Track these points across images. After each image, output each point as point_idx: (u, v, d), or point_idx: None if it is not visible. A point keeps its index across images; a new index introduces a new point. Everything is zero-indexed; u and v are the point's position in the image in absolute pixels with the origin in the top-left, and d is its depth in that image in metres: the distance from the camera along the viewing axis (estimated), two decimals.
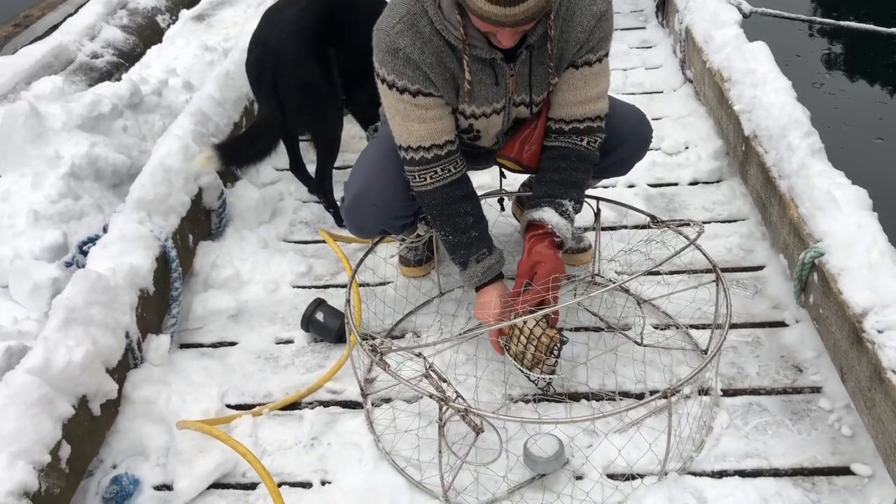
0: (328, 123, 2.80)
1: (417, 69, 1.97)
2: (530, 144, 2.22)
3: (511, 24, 1.77)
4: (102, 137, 3.20)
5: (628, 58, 4.01)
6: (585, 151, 2.16)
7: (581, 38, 2.03)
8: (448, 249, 2.18)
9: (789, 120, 2.58)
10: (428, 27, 1.94)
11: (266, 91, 2.68)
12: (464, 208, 2.13)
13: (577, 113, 2.13)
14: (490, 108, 2.10)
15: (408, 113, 2.03)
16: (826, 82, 4.74)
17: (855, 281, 2.02)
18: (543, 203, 2.15)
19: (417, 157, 2.08)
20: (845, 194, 2.25)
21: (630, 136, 2.33)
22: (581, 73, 2.08)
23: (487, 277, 2.14)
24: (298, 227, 2.97)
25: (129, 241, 2.33)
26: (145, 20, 5.38)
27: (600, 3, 2.02)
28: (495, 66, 2.02)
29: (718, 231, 2.75)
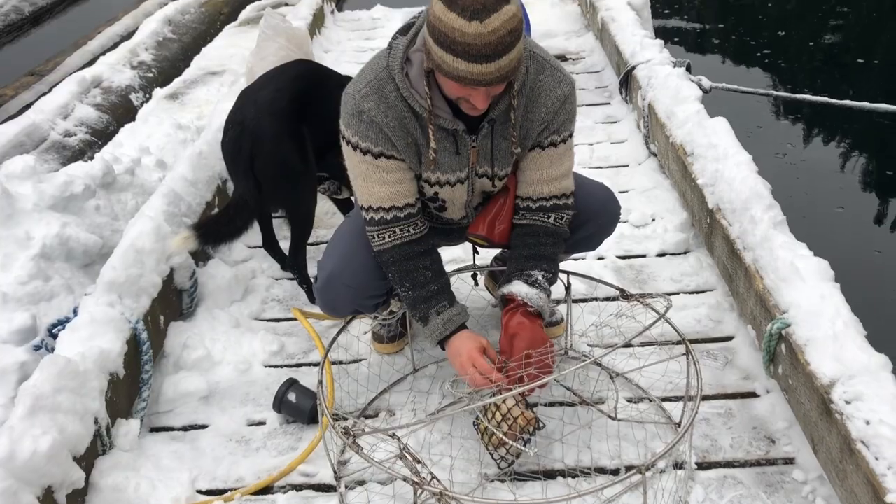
0: (303, 200, 2.83)
1: (380, 132, 2.02)
2: (500, 222, 2.26)
3: (486, 82, 1.83)
4: (74, 217, 3.20)
5: (594, 133, 4.12)
6: (552, 227, 2.21)
7: (545, 119, 2.09)
8: (408, 306, 2.18)
9: (751, 193, 2.66)
10: (394, 93, 2.00)
11: (243, 169, 2.72)
12: (422, 263, 2.16)
13: (543, 191, 2.18)
14: (454, 176, 2.14)
15: (369, 174, 2.07)
16: (788, 152, 4.89)
17: (821, 352, 2.06)
18: (513, 277, 2.18)
19: (377, 218, 2.11)
20: (808, 266, 2.31)
21: (599, 211, 2.38)
22: (547, 153, 2.14)
23: (449, 329, 2.12)
24: (271, 305, 2.97)
25: (100, 325, 2.31)
26: (119, 98, 5.45)
27: (564, 87, 2.09)
28: (457, 137, 2.07)
29: (687, 302, 2.79)
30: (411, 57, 1.98)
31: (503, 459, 2.10)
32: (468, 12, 1.75)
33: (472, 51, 1.77)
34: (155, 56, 6.20)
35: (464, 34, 1.76)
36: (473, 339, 2.11)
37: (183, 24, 7.04)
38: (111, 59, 5.94)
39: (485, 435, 2.09)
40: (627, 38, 4.44)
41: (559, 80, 2.08)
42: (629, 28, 4.57)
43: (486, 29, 1.75)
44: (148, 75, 5.88)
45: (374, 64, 2.05)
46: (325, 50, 5.74)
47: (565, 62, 5.17)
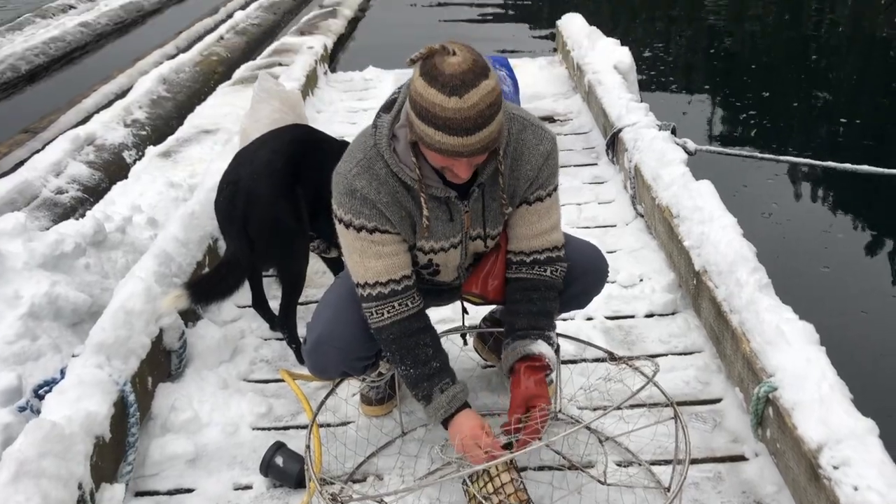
0: (295, 259, 2.86)
1: (374, 207, 2.05)
2: (493, 279, 2.29)
3: (468, 153, 1.87)
4: (64, 276, 3.20)
5: (582, 193, 4.18)
6: (550, 281, 2.24)
7: (530, 176, 2.14)
8: (409, 384, 2.17)
9: (736, 256, 2.70)
10: (384, 169, 2.04)
11: (236, 228, 2.74)
12: (423, 340, 2.16)
13: (535, 245, 2.22)
14: (448, 242, 2.18)
15: (365, 250, 2.09)
16: (773, 212, 4.96)
17: (808, 415, 2.07)
18: (534, 335, 2.20)
19: (375, 293, 2.12)
20: (794, 329, 2.34)
21: (588, 269, 2.41)
22: (535, 208, 2.19)
23: (454, 407, 2.12)
24: (259, 366, 2.96)
25: (87, 387, 2.29)
26: (112, 156, 5.50)
27: (546, 144, 2.14)
28: (450, 204, 2.11)
29: (675, 364, 2.80)
30: (397, 133, 2.03)
31: None
32: (448, 88, 1.80)
33: (453, 125, 1.82)
34: (149, 114, 6.28)
35: (444, 109, 1.81)
36: (475, 418, 2.11)
37: (177, 82, 7.15)
38: (105, 116, 6.02)
39: (472, 501, 2.08)
40: (614, 100, 4.53)
41: (541, 138, 2.14)
42: (615, 91, 4.67)
43: (465, 104, 1.80)
44: (141, 133, 5.95)
45: (361, 143, 2.10)
46: (318, 110, 5.83)
47: (553, 123, 5.26)
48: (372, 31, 10.35)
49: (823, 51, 9.03)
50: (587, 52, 5.55)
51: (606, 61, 5.23)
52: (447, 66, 1.81)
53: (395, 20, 11.13)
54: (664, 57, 9.18)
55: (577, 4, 11.03)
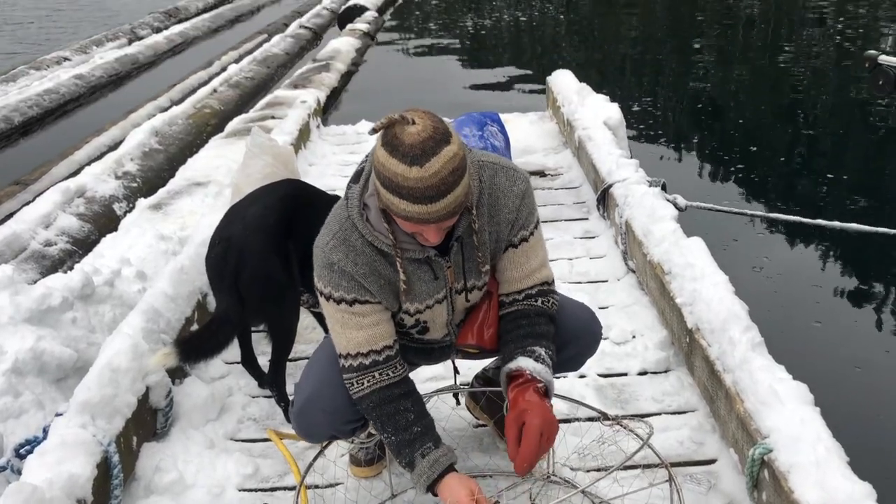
0: (286, 315, 2.84)
1: (352, 279, 2.06)
2: (488, 328, 2.27)
3: (434, 220, 1.88)
4: (50, 330, 3.16)
5: (573, 248, 4.18)
6: (542, 307, 2.22)
7: (510, 219, 2.15)
8: (393, 452, 2.14)
9: (729, 314, 2.69)
10: (359, 240, 2.05)
11: (227, 284, 2.72)
12: (403, 405, 2.13)
13: (525, 284, 2.22)
14: (432, 300, 2.17)
15: (346, 321, 2.10)
16: (765, 266, 4.97)
17: (805, 479, 2.04)
18: (516, 355, 2.15)
19: (356, 364, 2.12)
20: (787, 389, 2.32)
21: (580, 333, 2.39)
22: (521, 249, 2.19)
23: (436, 471, 2.07)
24: (246, 425, 2.91)
25: (70, 448, 2.24)
26: (102, 208, 5.49)
27: (520, 184, 2.15)
28: (432, 263, 2.11)
29: (669, 423, 2.76)
30: (367, 202, 2.04)
31: None
32: (408, 158, 1.81)
33: (417, 193, 1.83)
34: (140, 166, 6.29)
35: (406, 178, 1.82)
36: (463, 483, 2.06)
37: (170, 134, 7.18)
38: (96, 169, 6.02)
39: None
40: (604, 156, 4.57)
41: (514, 179, 2.14)
42: (605, 147, 4.72)
43: (426, 173, 1.82)
44: (132, 185, 5.95)
45: (336, 216, 2.11)
46: (310, 163, 5.86)
47: (544, 177, 5.30)
48: (365, 86, 10.46)
49: (809, 108, 9.19)
50: (577, 107, 5.61)
51: (596, 117, 5.29)
52: (407, 136, 1.82)
53: (388, 75, 11.28)
54: (653, 111, 9.32)
55: (566, 61, 11.25)
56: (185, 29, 15.02)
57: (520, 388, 2.10)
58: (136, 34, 14.43)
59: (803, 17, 14.65)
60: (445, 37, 14.66)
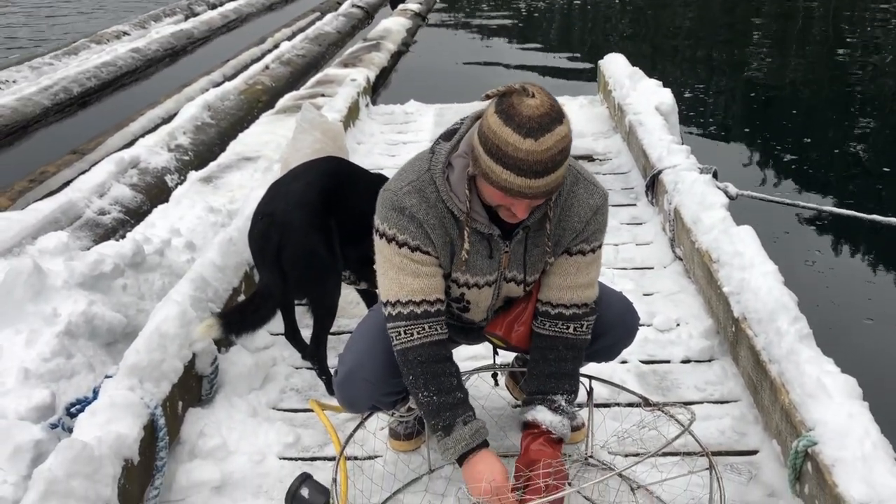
0: (328, 291, 2.86)
1: (420, 227, 2.04)
2: (519, 325, 2.26)
3: (531, 195, 1.87)
4: (101, 296, 3.24)
5: (619, 233, 4.14)
6: (573, 339, 2.20)
7: (577, 228, 2.12)
8: (430, 413, 2.10)
9: (777, 305, 2.64)
10: (434, 195, 2.04)
11: (270, 260, 2.76)
12: (449, 369, 2.13)
13: (564, 297, 2.18)
14: (483, 279, 2.16)
15: (403, 266, 2.07)
16: (817, 260, 4.87)
17: (850, 474, 2.00)
18: (535, 402, 2.18)
19: (406, 312, 2.08)
20: (835, 382, 2.27)
21: (617, 324, 2.37)
22: (574, 260, 2.16)
23: (476, 441, 2.07)
24: (289, 395, 2.95)
25: (119, 409, 2.30)
26: (154, 179, 5.60)
27: (597, 198, 2.12)
28: (492, 241, 2.10)
29: (711, 412, 2.73)
30: (453, 162, 2.03)
31: None
32: (524, 129, 1.80)
33: (523, 166, 1.82)
34: (192, 140, 6.39)
35: (517, 150, 1.81)
36: (498, 464, 2.06)
37: (222, 109, 7.28)
38: (150, 141, 6.14)
39: None
40: (654, 142, 4.51)
41: (592, 192, 2.12)
42: (656, 133, 4.65)
43: (539, 147, 1.81)
44: (184, 158, 6.05)
45: (415, 165, 2.10)
46: (359, 142, 5.89)
47: (592, 162, 5.25)
48: (414, 66, 10.47)
49: (867, 102, 8.93)
50: (629, 92, 5.54)
51: (648, 102, 5.22)
52: (525, 108, 1.81)
53: (438, 56, 11.26)
54: (705, 99, 9.15)
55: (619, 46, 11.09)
56: (240, 6, 15.17)
57: (533, 436, 2.16)
58: (192, 10, 14.62)
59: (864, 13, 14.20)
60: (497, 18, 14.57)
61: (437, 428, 2.10)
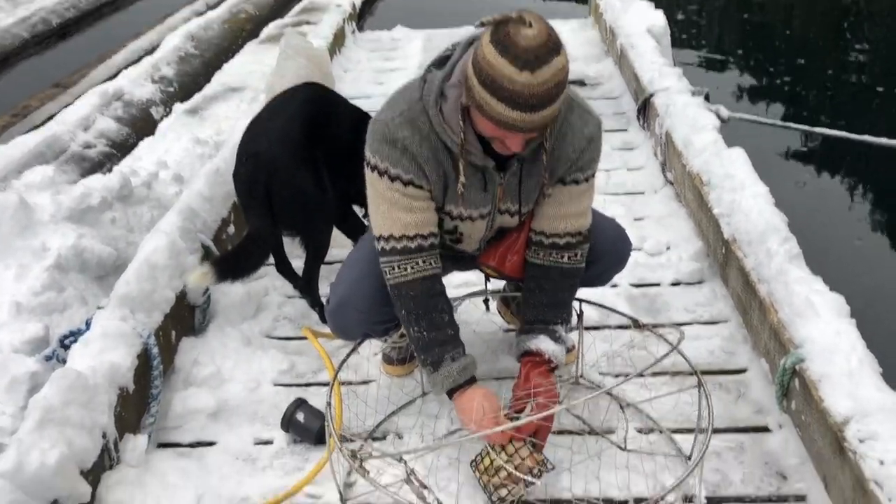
0: (319, 228, 2.84)
1: (413, 160, 2.00)
2: (512, 254, 2.25)
3: (527, 129, 1.83)
4: (90, 229, 3.22)
5: (610, 159, 4.10)
6: (568, 268, 2.19)
7: (572, 158, 2.09)
8: (420, 348, 2.11)
9: (767, 226, 2.65)
10: (427, 126, 1.99)
11: (258, 202, 2.71)
12: (441, 305, 2.12)
13: (558, 227, 2.17)
14: (477, 212, 2.14)
15: (396, 201, 2.03)
16: (808, 182, 4.86)
17: (836, 389, 2.03)
18: (537, 330, 2.18)
19: (400, 247, 2.06)
20: (823, 301, 2.29)
21: (608, 251, 2.37)
22: (568, 189, 2.14)
23: (464, 378, 2.09)
24: (282, 323, 2.96)
25: (111, 339, 2.31)
26: (139, 112, 5.50)
27: (591, 127, 2.09)
28: (486, 174, 2.06)
29: (700, 333, 2.76)
30: (446, 91, 1.96)
31: (502, 501, 2.06)
32: (521, 62, 1.73)
33: (519, 99, 1.76)
34: (177, 71, 6.26)
35: (513, 82, 1.74)
36: (490, 397, 2.08)
37: (205, 39, 7.11)
38: (133, 73, 6.01)
39: (484, 475, 2.07)
40: (646, 65, 4.44)
41: (586, 121, 2.08)
42: (648, 55, 4.58)
43: (535, 80, 1.74)
44: (169, 90, 5.93)
45: (406, 95, 2.04)
46: (345, 69, 5.78)
47: (583, 87, 5.18)
48: None
49: (860, 19, 8.78)
50: (620, 14, 5.43)
51: (639, 24, 5.12)
52: (522, 39, 1.74)
53: None
54: (698, 21, 8.99)
55: None
56: None
57: (534, 365, 2.16)
58: None
59: None
60: None
61: (427, 363, 2.11)
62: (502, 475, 2.02)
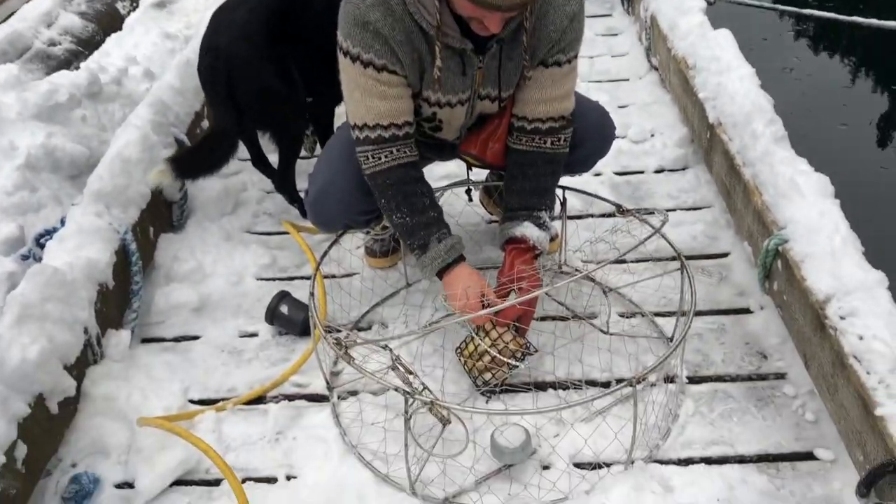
0: (290, 125, 2.73)
1: (386, 44, 1.91)
2: (494, 142, 2.20)
3: (506, 8, 1.75)
4: (60, 128, 3.13)
5: (594, 45, 4.00)
6: (551, 153, 2.14)
7: (553, 38, 2.00)
8: (405, 234, 2.08)
9: (753, 107, 2.60)
10: (400, 7, 1.89)
11: (222, 98, 2.60)
12: (420, 189, 2.08)
13: (540, 112, 2.10)
14: (455, 98, 2.07)
15: (369, 88, 1.96)
16: (795, 67, 4.77)
17: (818, 268, 2.04)
18: (521, 217, 2.14)
19: (374, 136, 2.00)
20: (808, 181, 2.27)
21: (593, 135, 2.31)
22: (550, 72, 2.06)
23: (452, 257, 2.07)
24: (262, 219, 2.93)
25: (87, 235, 2.27)
26: (104, 6, 5.26)
27: (573, 4, 1.99)
28: (464, 57, 1.99)
29: (683, 218, 2.75)
30: None
31: (486, 385, 2.09)
32: None
33: None
34: None
35: None
36: (476, 276, 2.06)
37: None
38: None
39: (468, 360, 2.09)
40: None
41: None
42: None
43: None
44: None
45: None
46: None
47: None
48: None
49: None
50: None
51: None
52: None
53: None
54: None
55: None
56: None
57: (518, 252, 2.12)
58: None
59: None
60: None
61: (414, 247, 2.08)
62: (486, 359, 2.04)
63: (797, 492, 1.83)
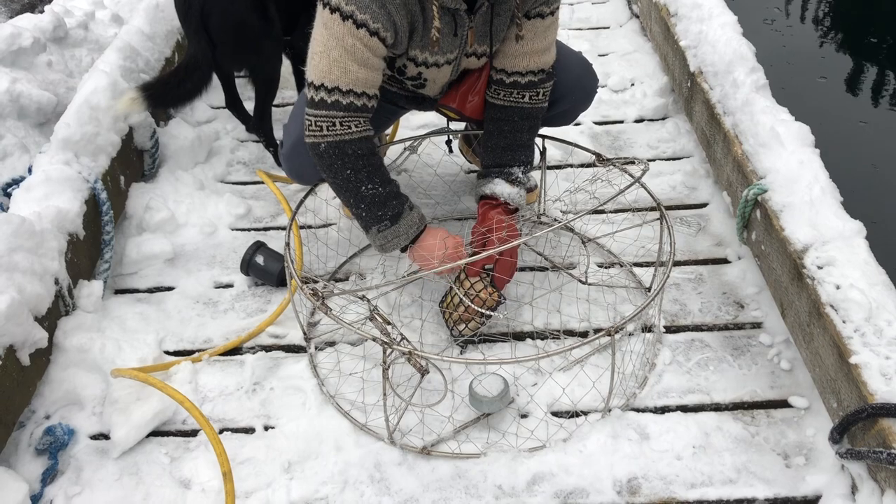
0: (266, 61, 2.67)
1: (383, 7, 1.82)
2: (473, 95, 2.17)
3: None
4: (24, 73, 3.03)
5: None
6: (529, 108, 2.11)
7: None
8: (376, 204, 1.97)
9: (734, 56, 2.57)
10: None
11: (193, 28, 2.52)
12: (382, 161, 2.02)
13: (520, 64, 2.07)
14: (444, 58, 2.03)
15: (354, 50, 1.85)
16: (777, 18, 4.73)
17: (797, 217, 2.03)
18: (493, 174, 2.12)
19: (345, 102, 1.89)
20: (789, 130, 2.26)
21: (574, 88, 2.28)
22: (532, 24, 2.02)
23: (424, 222, 2.05)
24: (236, 168, 2.87)
25: (55, 184, 2.21)
26: None
27: None
28: (457, 17, 1.94)
29: (663, 169, 2.74)
30: None
31: (461, 335, 2.08)
32: None
33: None
34: None
35: None
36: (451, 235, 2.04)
37: None
38: None
39: (447, 311, 2.09)
40: None
41: None
42: None
43: None
44: None
45: None
46: None
47: None
48: None
49: None
50: None
51: None
52: None
53: None
54: None
55: None
56: None
57: (490, 206, 2.11)
58: None
59: None
60: None
61: (384, 218, 1.99)
62: (460, 310, 2.03)
63: (771, 438, 1.85)
